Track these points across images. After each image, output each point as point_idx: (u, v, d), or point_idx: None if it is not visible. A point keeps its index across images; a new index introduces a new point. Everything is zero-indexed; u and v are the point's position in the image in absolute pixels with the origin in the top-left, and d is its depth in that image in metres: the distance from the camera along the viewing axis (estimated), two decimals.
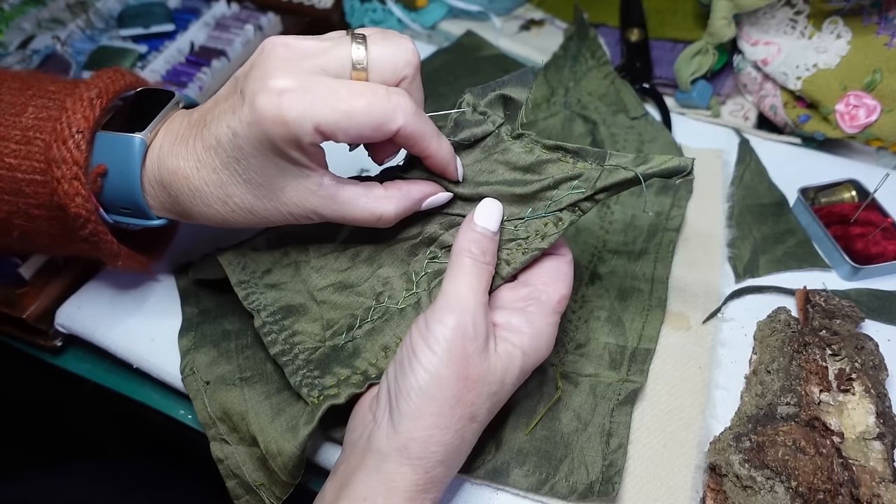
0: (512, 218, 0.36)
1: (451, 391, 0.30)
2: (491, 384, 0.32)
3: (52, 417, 0.64)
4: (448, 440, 0.30)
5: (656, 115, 0.58)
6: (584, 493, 0.35)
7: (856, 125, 0.51)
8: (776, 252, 0.47)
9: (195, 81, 0.60)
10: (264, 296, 0.38)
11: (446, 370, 0.30)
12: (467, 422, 0.31)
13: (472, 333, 0.31)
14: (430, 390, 0.30)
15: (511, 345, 0.33)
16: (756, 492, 0.33)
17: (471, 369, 0.31)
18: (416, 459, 0.30)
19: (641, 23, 0.64)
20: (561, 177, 0.34)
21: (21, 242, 0.38)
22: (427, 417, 0.30)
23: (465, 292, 0.32)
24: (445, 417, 0.30)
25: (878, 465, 0.34)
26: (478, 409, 0.31)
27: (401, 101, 0.31)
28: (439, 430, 0.30)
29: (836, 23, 0.52)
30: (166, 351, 0.43)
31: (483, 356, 0.31)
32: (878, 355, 0.39)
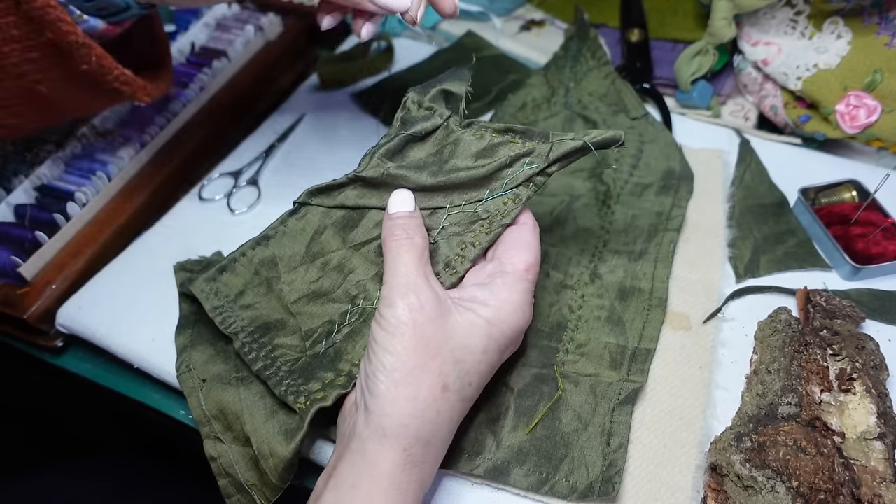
0: (471, 201, 0.37)
1: (411, 361, 0.31)
2: (454, 349, 0.32)
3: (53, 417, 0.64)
4: (420, 411, 0.31)
5: (657, 115, 0.58)
6: (585, 492, 0.35)
7: (856, 125, 0.51)
8: (777, 252, 0.47)
9: (196, 82, 0.60)
10: (240, 317, 0.39)
11: (401, 343, 0.31)
12: (439, 392, 0.31)
13: (417, 304, 0.32)
14: (393, 365, 0.31)
15: (474, 314, 0.33)
16: (757, 492, 0.33)
17: (427, 338, 0.31)
18: (391, 438, 0.30)
19: (642, 23, 0.64)
20: (515, 154, 0.37)
21: (21, 98, 0.37)
22: (393, 391, 0.31)
23: (401, 271, 0.33)
24: (412, 388, 0.31)
25: (879, 465, 0.34)
26: (448, 378, 0.32)
27: None
28: (408, 401, 0.30)
29: (836, 23, 0.52)
30: (166, 351, 0.43)
31: (437, 323, 0.32)
32: (878, 355, 0.39)
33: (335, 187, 0.40)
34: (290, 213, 0.41)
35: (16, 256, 0.46)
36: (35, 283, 0.46)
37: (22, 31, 0.34)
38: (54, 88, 0.37)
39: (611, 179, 0.51)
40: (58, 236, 0.48)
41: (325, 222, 0.40)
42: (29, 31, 0.34)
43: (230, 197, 0.54)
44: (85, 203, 0.50)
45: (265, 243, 0.40)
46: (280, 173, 0.56)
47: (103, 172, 0.52)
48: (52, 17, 0.33)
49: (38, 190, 0.51)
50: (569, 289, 0.45)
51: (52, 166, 0.52)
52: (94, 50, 0.35)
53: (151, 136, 0.55)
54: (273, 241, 0.40)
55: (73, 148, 0.54)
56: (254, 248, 0.40)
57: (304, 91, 0.64)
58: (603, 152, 0.52)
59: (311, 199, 0.40)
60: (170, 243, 0.50)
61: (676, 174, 0.51)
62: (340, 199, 0.40)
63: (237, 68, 0.64)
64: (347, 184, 0.40)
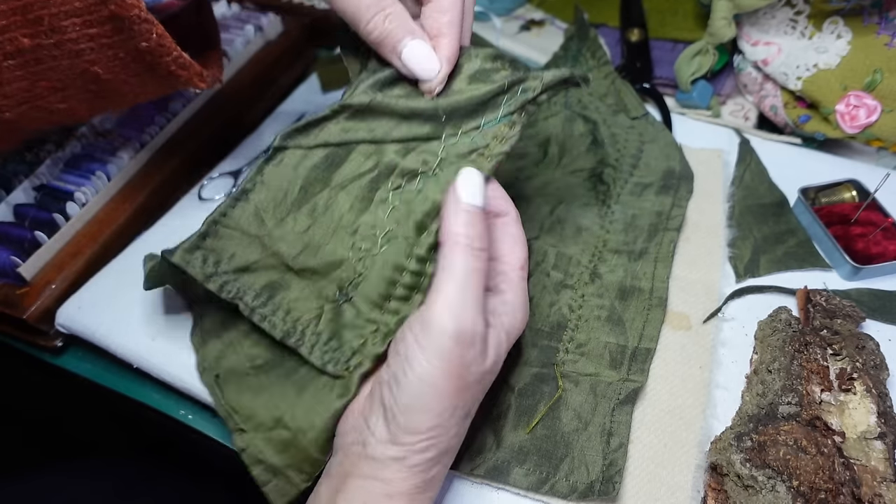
0: (468, 129, 0.36)
1: (449, 400, 0.29)
2: (486, 381, 0.31)
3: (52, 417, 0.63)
4: (444, 443, 0.30)
5: (657, 115, 0.58)
6: (585, 492, 0.35)
7: (856, 125, 0.51)
8: (777, 252, 0.47)
9: None
10: (239, 281, 0.36)
11: (445, 382, 0.29)
12: (461, 420, 0.31)
13: (470, 339, 0.29)
14: (429, 403, 0.29)
15: (496, 331, 0.32)
16: (757, 491, 0.33)
17: (470, 377, 0.30)
18: (414, 466, 0.29)
19: (642, 23, 0.64)
20: (510, 80, 0.36)
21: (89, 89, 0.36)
22: (425, 430, 0.29)
23: (464, 293, 0.29)
24: (443, 426, 0.29)
25: (880, 464, 0.34)
26: (472, 407, 0.31)
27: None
28: (437, 437, 0.30)
29: (836, 23, 0.52)
30: (166, 351, 0.43)
31: (480, 362, 0.30)
32: (879, 355, 0.39)
33: (314, 123, 0.37)
34: (266, 160, 0.37)
35: (15, 256, 0.46)
36: (35, 283, 0.46)
37: (84, 2, 0.32)
38: (109, 69, 0.36)
39: (611, 179, 0.51)
40: (57, 236, 0.48)
41: (304, 164, 0.37)
42: (92, 2, 0.32)
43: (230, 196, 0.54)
44: (85, 203, 0.50)
45: (245, 198, 0.37)
46: None
47: (103, 172, 0.52)
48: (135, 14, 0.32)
49: (38, 190, 0.51)
50: (569, 288, 0.44)
51: (51, 166, 0.52)
52: (155, 27, 0.34)
53: (151, 136, 0.55)
54: (253, 194, 0.37)
55: (72, 148, 0.54)
56: (234, 207, 0.37)
57: (304, 91, 0.64)
58: (603, 152, 0.53)
59: (287, 142, 0.37)
60: (170, 243, 0.50)
61: (676, 174, 0.51)
62: (322, 137, 0.37)
63: (237, 68, 0.64)
64: (330, 117, 0.37)
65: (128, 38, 0.34)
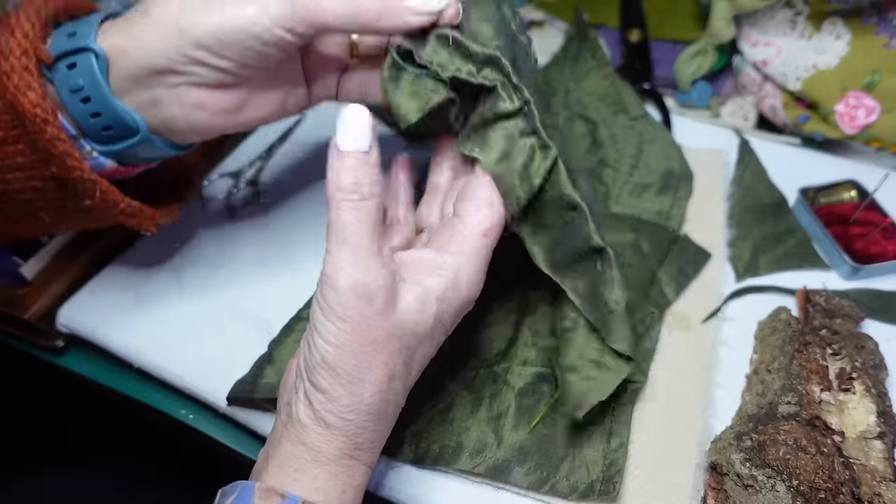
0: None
1: (355, 358, 0.28)
2: (401, 338, 0.29)
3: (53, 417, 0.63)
4: (365, 405, 0.29)
5: (656, 115, 0.58)
6: (585, 492, 0.35)
7: (855, 126, 0.51)
8: (776, 252, 0.47)
9: None
10: None
11: (346, 338, 0.28)
12: (385, 384, 0.29)
13: (366, 292, 0.28)
14: (335, 361, 0.28)
15: (423, 290, 0.30)
16: (757, 491, 0.33)
17: (373, 331, 0.28)
18: (335, 429, 0.29)
19: (641, 23, 0.64)
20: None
21: (16, 217, 0.36)
22: (337, 388, 0.28)
23: (350, 243, 0.28)
24: (356, 385, 0.28)
25: (879, 464, 0.34)
26: (394, 368, 0.29)
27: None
28: (352, 398, 0.28)
29: (835, 23, 0.52)
30: (167, 351, 0.43)
31: (386, 314, 0.28)
32: (878, 355, 0.39)
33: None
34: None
35: (17, 256, 0.46)
36: (36, 283, 0.46)
37: (27, 159, 0.32)
38: (57, 217, 0.36)
39: (610, 179, 0.51)
40: (58, 236, 0.48)
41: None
42: (35, 160, 0.32)
43: (230, 197, 0.54)
44: None
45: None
46: (280, 173, 0.56)
47: None
48: (60, 150, 0.32)
49: None
50: None
51: None
52: (98, 185, 0.34)
53: None
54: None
55: None
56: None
57: None
58: (602, 152, 0.53)
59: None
60: (170, 243, 0.50)
61: (676, 174, 0.52)
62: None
63: None
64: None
65: (72, 195, 0.34)
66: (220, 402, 0.40)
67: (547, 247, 0.36)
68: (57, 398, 0.59)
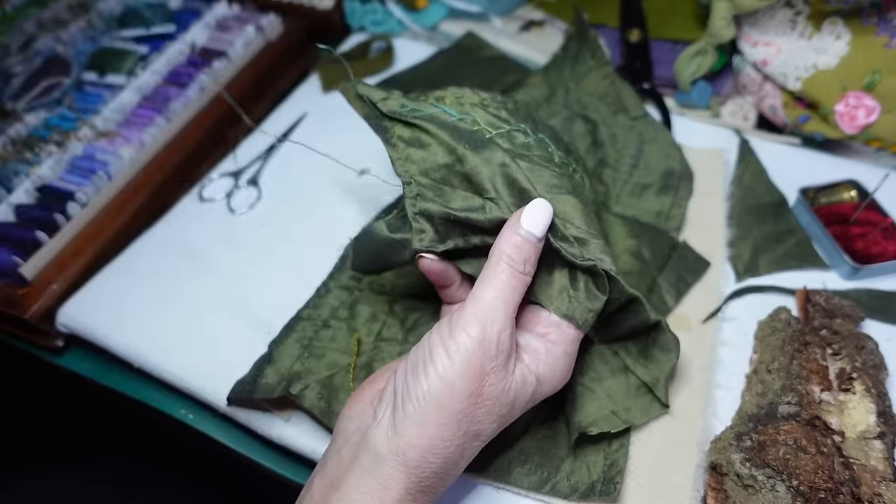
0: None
1: (461, 405, 0.29)
2: (502, 405, 0.31)
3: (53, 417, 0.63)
4: (448, 453, 0.29)
5: (656, 115, 0.58)
6: (586, 492, 0.35)
7: (855, 126, 0.51)
8: (776, 252, 0.47)
9: (196, 82, 0.60)
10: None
11: (461, 382, 0.29)
12: (471, 438, 0.30)
13: (494, 350, 0.29)
14: (441, 399, 0.29)
15: (527, 369, 0.32)
16: (757, 491, 0.33)
17: (486, 387, 0.29)
18: (412, 467, 0.29)
19: (641, 23, 0.64)
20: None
21: None
22: (431, 427, 0.29)
23: (496, 304, 0.30)
24: (450, 430, 0.29)
25: (879, 464, 0.34)
26: (483, 428, 0.30)
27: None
28: (441, 441, 0.29)
29: (835, 23, 0.52)
30: (167, 351, 0.43)
31: (501, 375, 0.30)
32: (878, 355, 0.39)
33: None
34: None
35: (17, 256, 0.46)
36: (36, 283, 0.46)
37: None
38: None
39: (610, 179, 0.51)
40: (58, 236, 0.48)
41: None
42: None
43: (230, 197, 0.54)
44: (85, 203, 0.50)
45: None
46: (280, 173, 0.56)
47: (103, 172, 0.52)
48: None
49: (39, 190, 0.51)
50: None
51: (52, 166, 0.52)
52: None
53: (151, 136, 0.55)
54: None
55: (73, 148, 0.54)
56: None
57: (304, 91, 0.65)
58: (602, 152, 0.53)
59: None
60: (170, 243, 0.50)
61: (676, 174, 0.51)
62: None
63: (237, 68, 0.64)
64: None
65: None
66: (220, 402, 0.40)
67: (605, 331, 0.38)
68: (57, 398, 0.59)
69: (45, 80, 0.60)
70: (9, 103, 0.58)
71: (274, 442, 0.40)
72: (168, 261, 0.48)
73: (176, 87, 0.59)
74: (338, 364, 0.40)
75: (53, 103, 0.58)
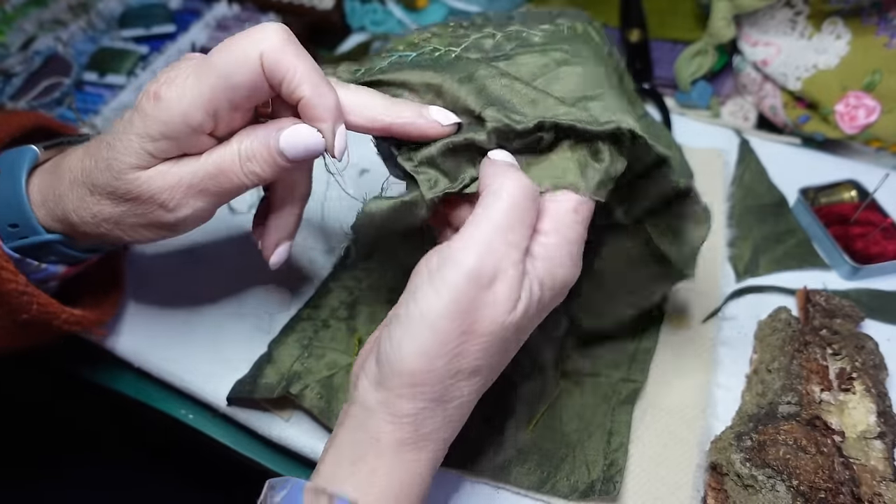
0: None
1: (449, 345, 0.25)
2: (505, 339, 0.27)
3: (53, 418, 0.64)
4: (436, 393, 0.26)
5: (656, 115, 0.58)
6: (586, 492, 0.35)
7: (855, 126, 0.51)
8: (776, 252, 0.47)
9: None
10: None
11: (446, 322, 0.25)
12: (467, 376, 0.27)
13: (488, 280, 0.25)
14: (424, 343, 0.25)
15: (528, 278, 0.27)
16: (757, 490, 0.33)
17: (479, 322, 0.26)
18: (402, 416, 0.26)
19: (641, 23, 0.64)
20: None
21: None
22: (417, 374, 0.26)
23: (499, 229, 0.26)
24: (439, 374, 0.26)
25: (879, 464, 0.34)
26: (482, 363, 0.27)
27: (262, 28, 0.28)
28: (430, 386, 0.26)
29: (835, 23, 0.52)
30: (167, 351, 0.43)
31: (501, 307, 0.26)
32: (878, 355, 0.39)
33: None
34: None
35: None
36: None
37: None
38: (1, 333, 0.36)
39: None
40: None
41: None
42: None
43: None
44: None
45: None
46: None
47: None
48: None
49: None
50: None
51: None
52: (35, 298, 0.33)
53: None
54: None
55: None
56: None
57: None
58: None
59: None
60: (170, 243, 0.50)
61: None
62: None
63: None
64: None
65: (9, 312, 0.33)
66: (220, 402, 0.40)
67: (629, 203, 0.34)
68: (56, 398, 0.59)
69: (45, 80, 0.60)
70: (9, 103, 0.58)
71: (274, 442, 0.40)
72: (168, 260, 0.48)
73: None
74: (337, 364, 0.40)
75: (53, 103, 0.58)
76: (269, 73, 0.28)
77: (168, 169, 0.29)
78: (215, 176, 0.30)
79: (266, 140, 0.29)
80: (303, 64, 0.28)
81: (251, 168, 0.30)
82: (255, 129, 0.30)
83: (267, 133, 0.29)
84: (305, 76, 0.28)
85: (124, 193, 0.30)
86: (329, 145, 0.29)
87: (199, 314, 0.45)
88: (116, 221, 0.31)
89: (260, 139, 0.29)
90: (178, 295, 0.46)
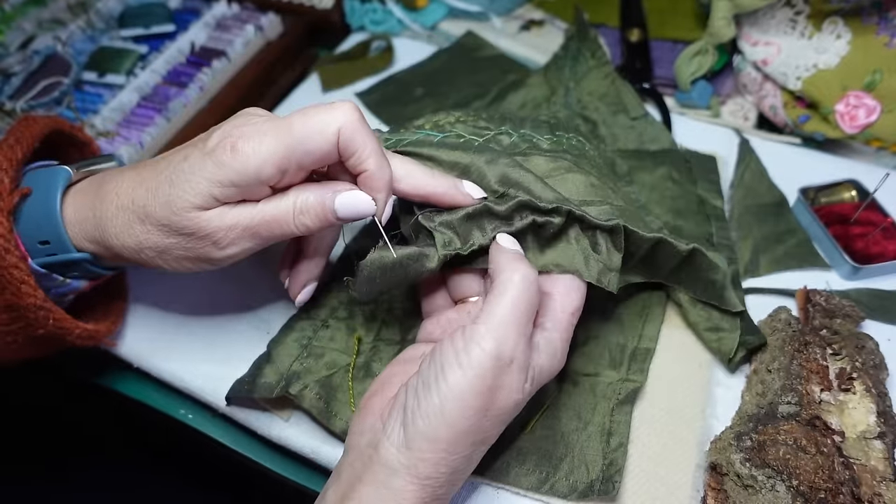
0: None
1: (471, 420, 0.29)
2: (511, 414, 0.31)
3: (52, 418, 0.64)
4: (457, 463, 0.30)
5: (656, 115, 0.58)
6: (585, 491, 0.35)
7: (856, 125, 0.51)
8: (776, 252, 0.47)
9: (195, 82, 0.60)
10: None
11: (473, 399, 0.29)
12: (478, 446, 0.31)
13: (507, 363, 0.30)
14: (452, 416, 0.29)
15: (531, 367, 0.32)
16: (757, 491, 0.33)
17: (497, 402, 0.30)
18: (423, 478, 0.29)
19: (641, 23, 0.64)
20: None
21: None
22: (442, 442, 0.29)
23: (513, 318, 0.30)
24: (460, 444, 0.29)
25: (879, 464, 0.34)
26: (490, 436, 0.31)
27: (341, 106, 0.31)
28: (450, 454, 0.29)
29: (835, 23, 0.52)
30: (167, 351, 0.43)
31: (516, 387, 0.30)
32: (878, 355, 0.39)
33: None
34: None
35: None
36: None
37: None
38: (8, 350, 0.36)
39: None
40: None
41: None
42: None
43: None
44: None
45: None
46: None
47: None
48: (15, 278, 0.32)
49: None
50: None
51: None
52: (52, 314, 0.34)
53: (151, 136, 0.55)
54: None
55: None
56: None
57: (303, 91, 0.64)
58: (603, 152, 0.53)
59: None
60: None
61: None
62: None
63: (237, 68, 0.64)
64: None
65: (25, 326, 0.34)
66: (220, 402, 0.40)
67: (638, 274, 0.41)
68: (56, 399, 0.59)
69: (44, 80, 0.60)
70: (8, 103, 0.58)
71: (274, 442, 0.40)
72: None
73: (175, 86, 0.59)
74: (337, 364, 0.40)
75: (53, 103, 0.58)
76: (343, 146, 0.31)
77: (228, 211, 0.32)
78: (269, 223, 0.33)
79: (322, 198, 0.33)
80: (371, 142, 0.32)
81: (303, 220, 0.33)
82: (311, 186, 0.33)
83: (323, 192, 0.33)
84: (373, 152, 0.32)
85: (181, 229, 0.32)
86: (379, 212, 0.33)
87: (199, 314, 0.45)
88: (162, 251, 0.33)
89: (317, 196, 0.33)
90: (177, 296, 0.46)
